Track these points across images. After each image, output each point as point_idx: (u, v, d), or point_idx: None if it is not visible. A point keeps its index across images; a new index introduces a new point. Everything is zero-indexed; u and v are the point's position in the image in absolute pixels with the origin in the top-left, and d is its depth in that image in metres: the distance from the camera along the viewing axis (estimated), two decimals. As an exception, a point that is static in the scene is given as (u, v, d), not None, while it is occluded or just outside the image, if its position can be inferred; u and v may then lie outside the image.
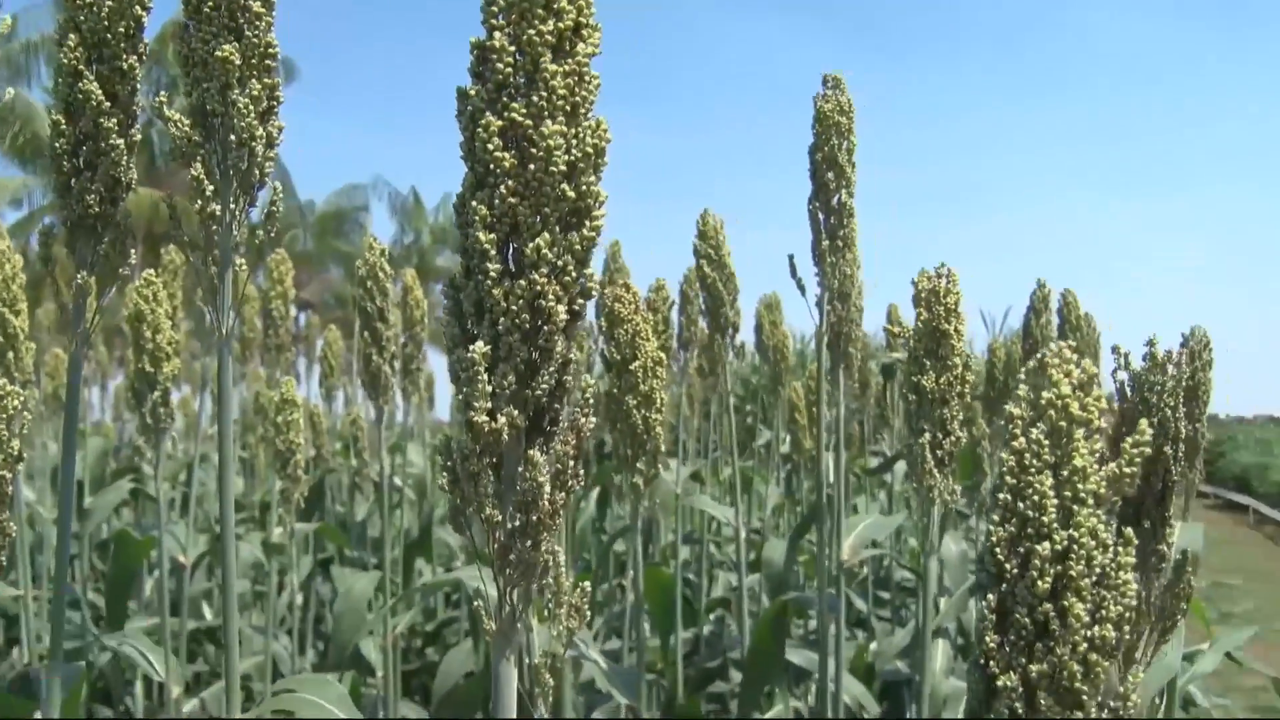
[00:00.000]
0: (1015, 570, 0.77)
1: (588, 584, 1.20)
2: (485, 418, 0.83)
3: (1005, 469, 0.78)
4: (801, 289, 2.20)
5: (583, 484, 0.89)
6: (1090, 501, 0.76)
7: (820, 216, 2.11)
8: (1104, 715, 0.75)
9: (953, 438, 1.73)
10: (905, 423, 1.83)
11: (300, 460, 2.72)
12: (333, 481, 5.74)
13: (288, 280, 3.57)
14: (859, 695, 3.30)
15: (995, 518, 0.78)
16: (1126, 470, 0.77)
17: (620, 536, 3.31)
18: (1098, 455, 0.78)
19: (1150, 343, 1.62)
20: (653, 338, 1.92)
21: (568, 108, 0.87)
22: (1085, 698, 0.75)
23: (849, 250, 2.22)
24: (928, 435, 1.72)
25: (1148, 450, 0.78)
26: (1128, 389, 1.62)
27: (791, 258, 2.15)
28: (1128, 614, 0.76)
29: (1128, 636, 0.94)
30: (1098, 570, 0.76)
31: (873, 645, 4.61)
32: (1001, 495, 0.78)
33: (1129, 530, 0.78)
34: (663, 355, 1.95)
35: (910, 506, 4.19)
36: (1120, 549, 0.77)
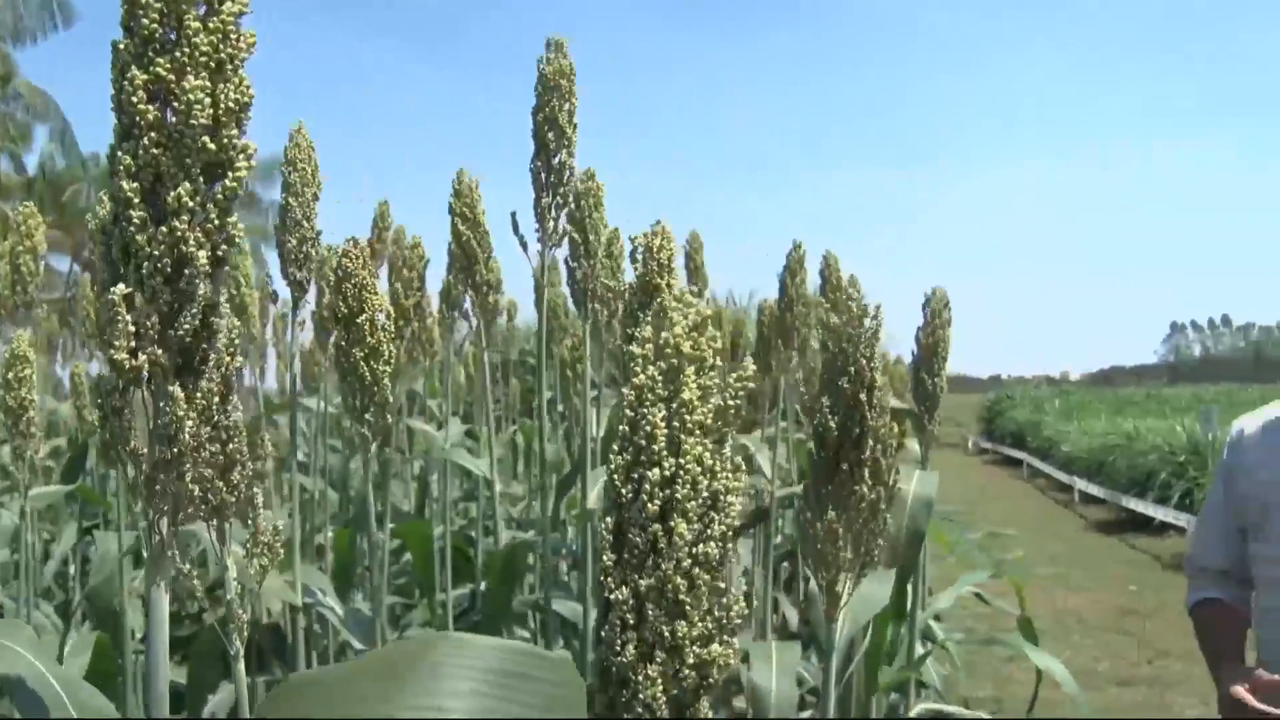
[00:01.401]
0: (630, 495, 0.84)
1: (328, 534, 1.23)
2: (126, 356, 0.85)
3: (626, 403, 0.85)
4: (523, 245, 2.26)
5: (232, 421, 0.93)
6: (697, 432, 0.84)
7: (542, 175, 2.18)
8: (709, 624, 0.83)
9: None
10: (622, 374, 1.91)
11: (34, 418, 2.63)
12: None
13: (37, 235, 3.43)
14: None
15: (615, 447, 0.85)
16: (731, 403, 0.85)
17: (378, 490, 3.33)
18: (708, 390, 0.85)
19: (851, 299, 1.75)
20: (379, 291, 1.95)
21: (212, 64, 0.90)
22: (689, 608, 0.83)
23: (596, 210, 2.30)
24: None
25: (751, 384, 0.86)
26: (828, 341, 1.75)
27: (514, 214, 2.22)
28: (730, 532, 0.85)
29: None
30: (705, 494, 0.84)
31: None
32: (621, 427, 0.85)
33: (738, 458, 0.86)
34: (393, 309, 1.99)
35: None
36: (729, 474, 0.85)
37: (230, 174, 0.89)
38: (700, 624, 0.83)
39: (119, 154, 0.87)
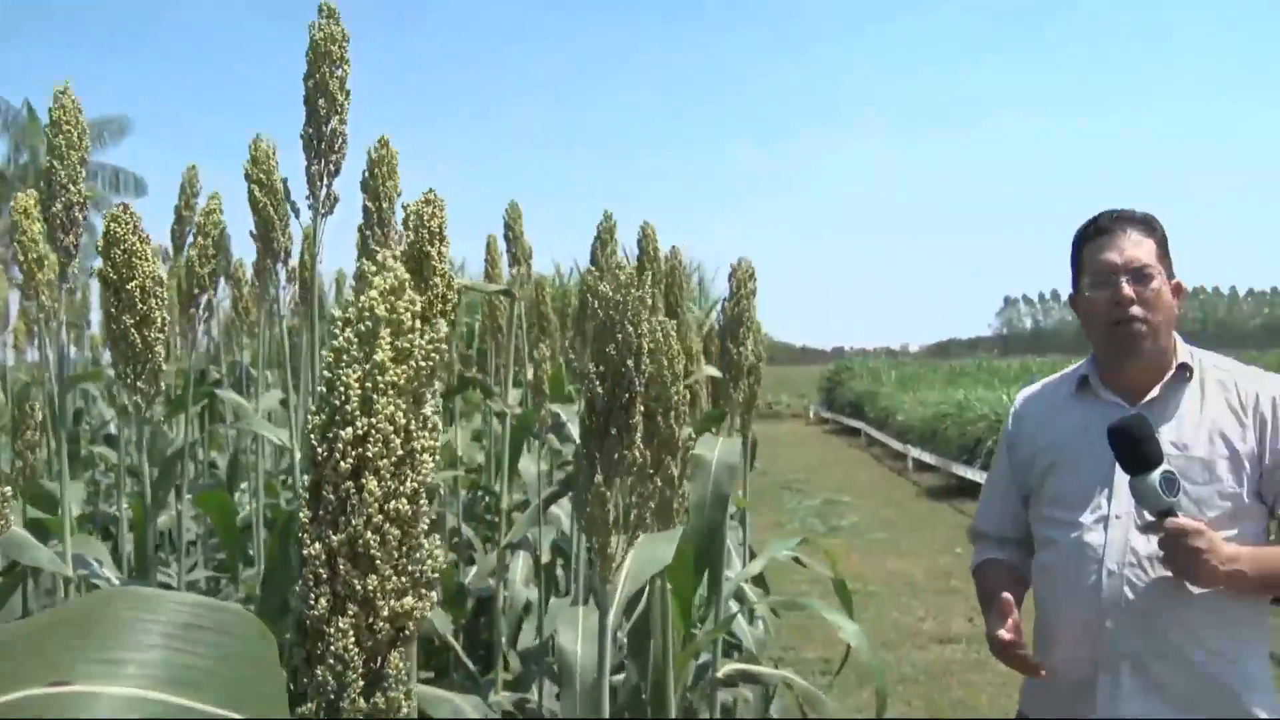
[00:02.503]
0: (325, 453, 0.86)
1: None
2: None
3: (324, 365, 0.87)
4: (295, 212, 2.25)
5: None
6: (390, 392, 0.86)
7: (314, 142, 2.17)
8: (402, 579, 0.86)
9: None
10: None
11: None
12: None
13: None
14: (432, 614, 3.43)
15: (313, 408, 0.87)
16: (423, 364, 0.88)
17: (176, 459, 3.27)
18: (404, 352, 0.88)
19: (619, 267, 1.79)
20: (152, 258, 1.92)
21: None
22: (381, 563, 0.86)
23: (390, 179, 2.29)
24: None
25: (443, 347, 0.89)
26: (598, 308, 1.79)
27: (285, 181, 2.20)
28: (422, 490, 0.87)
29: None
30: (399, 452, 0.87)
31: (474, 568, 4.79)
32: (318, 388, 0.87)
33: (435, 416, 0.89)
34: (163, 276, 1.95)
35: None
36: (424, 434, 0.88)
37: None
38: (393, 578, 0.86)
39: None
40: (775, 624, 7.65)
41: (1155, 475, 2.26)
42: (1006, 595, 2.44)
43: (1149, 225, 2.52)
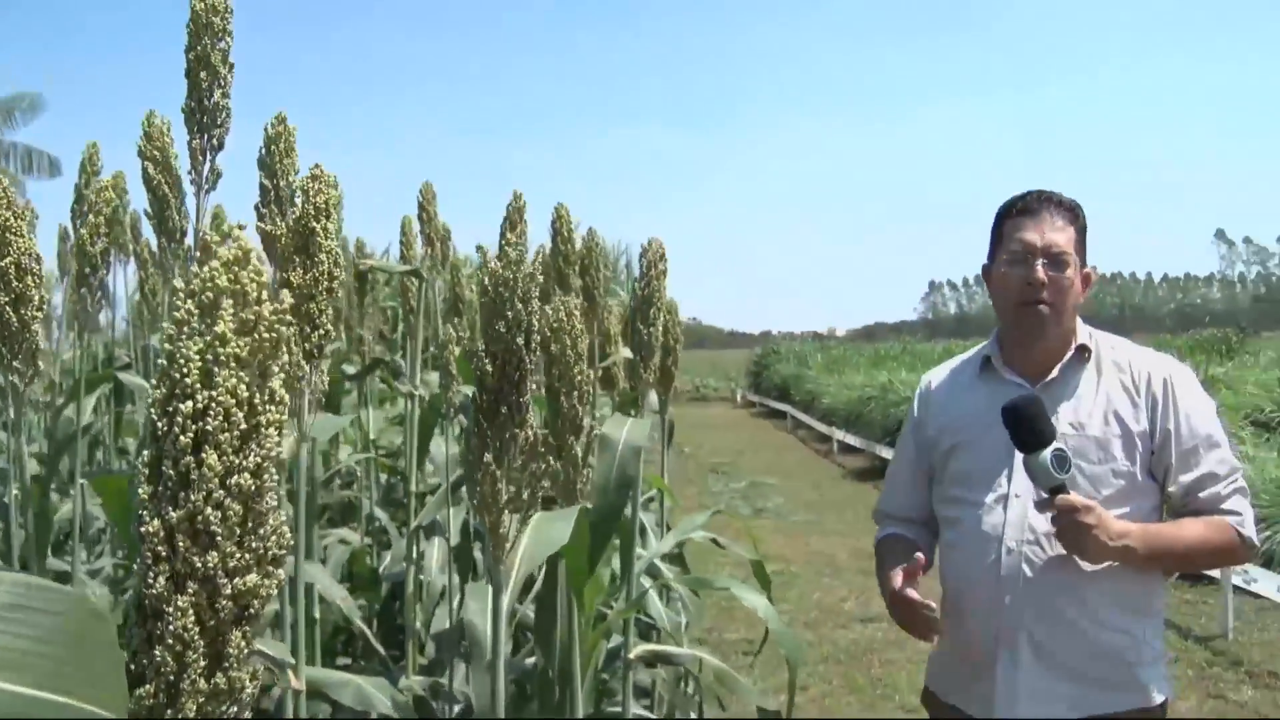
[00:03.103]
0: (165, 427, 0.84)
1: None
2: None
3: (165, 337, 0.84)
4: (178, 190, 2.19)
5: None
6: (232, 364, 0.84)
7: (196, 116, 2.12)
8: (245, 556, 0.84)
9: (320, 331, 1.81)
10: None
11: None
12: None
13: None
14: (340, 596, 3.40)
15: (154, 381, 0.85)
16: (268, 337, 0.85)
17: (69, 443, 3.18)
18: (247, 324, 0.85)
19: (507, 241, 1.77)
20: (27, 234, 1.86)
21: None
22: (221, 539, 0.83)
23: (288, 156, 2.25)
24: (294, 329, 1.77)
25: (288, 317, 0.87)
26: (488, 285, 1.77)
27: (175, 157, 2.15)
28: (269, 464, 0.85)
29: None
30: (241, 426, 0.85)
31: (389, 552, 4.74)
32: (160, 361, 0.84)
33: (281, 391, 0.87)
34: (41, 254, 1.90)
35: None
36: (270, 408, 0.86)
37: None
38: (236, 555, 0.84)
39: None
40: (697, 606, 7.71)
41: (1047, 453, 2.30)
42: (919, 555, 2.49)
43: (1073, 213, 2.55)
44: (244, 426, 0.84)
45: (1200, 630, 7.72)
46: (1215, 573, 7.77)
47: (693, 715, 4.42)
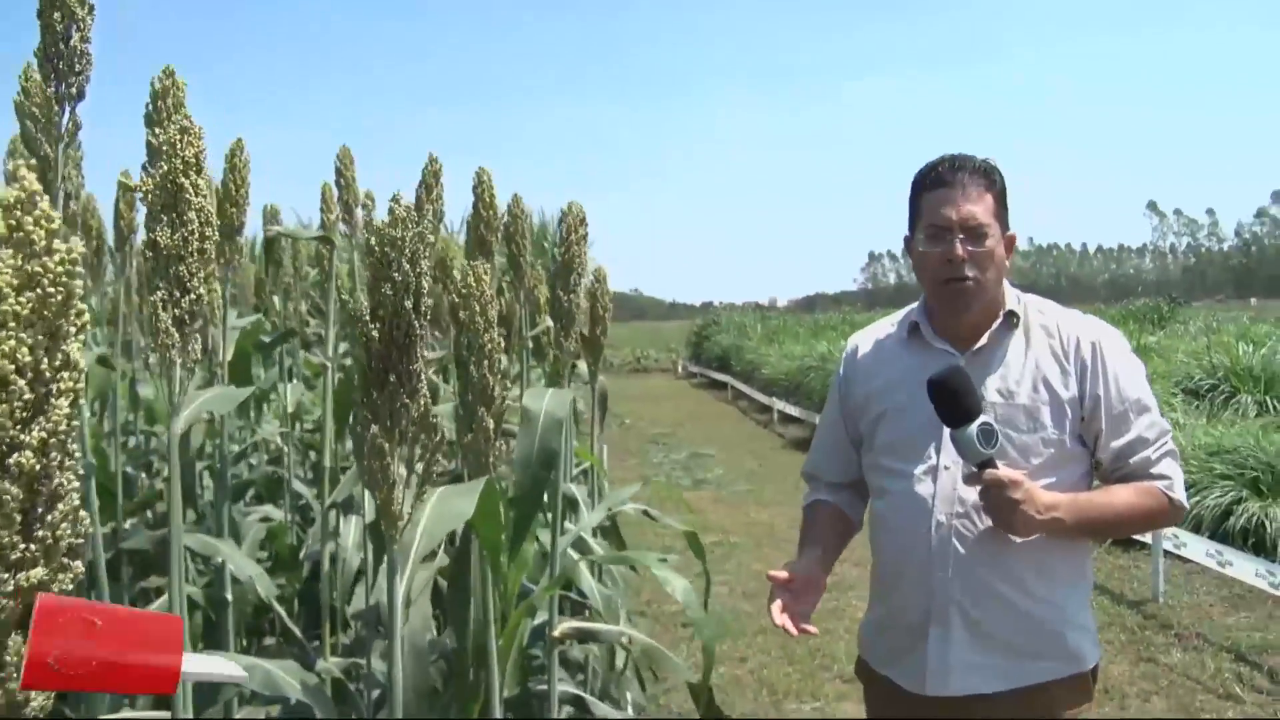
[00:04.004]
0: (-69, 399, 0.72)
1: None
2: None
3: (-68, 293, 0.72)
4: (36, 144, 2.05)
5: None
6: (11, 324, 0.72)
7: (52, 62, 1.96)
8: (30, 547, 0.72)
9: (192, 296, 1.67)
10: (144, 282, 1.76)
11: None
12: None
13: None
14: (255, 574, 3.27)
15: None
16: (55, 291, 0.74)
17: None
18: (35, 277, 0.73)
19: (394, 198, 1.65)
20: None
21: None
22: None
23: (177, 110, 2.10)
24: (162, 293, 1.64)
25: (78, 269, 0.75)
26: (374, 244, 1.64)
27: (17, 104, 2.00)
28: (63, 440, 0.74)
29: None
30: (25, 395, 0.73)
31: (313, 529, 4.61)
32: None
33: (75, 356, 0.75)
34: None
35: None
36: (63, 375, 0.74)
37: None
38: (19, 546, 0.72)
39: None
40: (635, 580, 7.63)
41: (973, 428, 2.24)
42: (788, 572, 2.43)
43: (989, 177, 2.46)
44: (28, 396, 0.72)
45: (1131, 595, 7.79)
46: (1146, 538, 7.85)
47: (629, 693, 4.36)
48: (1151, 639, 6.86)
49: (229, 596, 3.46)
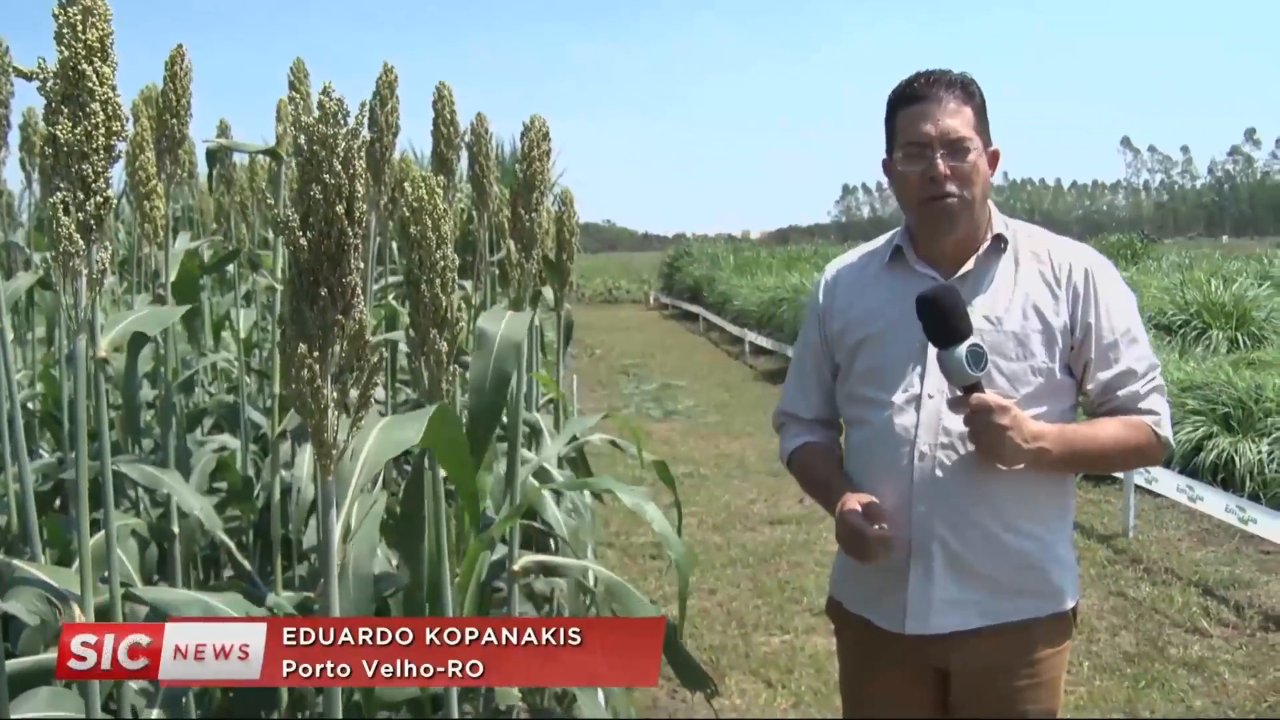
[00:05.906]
0: None
1: None
2: None
3: None
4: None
5: None
6: None
7: None
8: None
9: (98, 198, 1.50)
10: (42, 180, 1.58)
11: None
12: None
13: None
14: (200, 507, 3.13)
15: None
16: None
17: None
18: None
19: (325, 91, 1.47)
20: None
21: None
22: None
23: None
24: (63, 194, 1.46)
25: None
26: (303, 143, 1.48)
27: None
28: None
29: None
30: None
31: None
32: None
33: None
34: None
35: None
36: None
37: None
38: None
39: None
40: (604, 511, 7.54)
41: (962, 349, 2.14)
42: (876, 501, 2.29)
43: (966, 91, 2.33)
44: None
45: (1102, 529, 7.79)
46: (1118, 473, 7.82)
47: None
48: (1121, 573, 6.85)
49: (175, 529, 3.32)
